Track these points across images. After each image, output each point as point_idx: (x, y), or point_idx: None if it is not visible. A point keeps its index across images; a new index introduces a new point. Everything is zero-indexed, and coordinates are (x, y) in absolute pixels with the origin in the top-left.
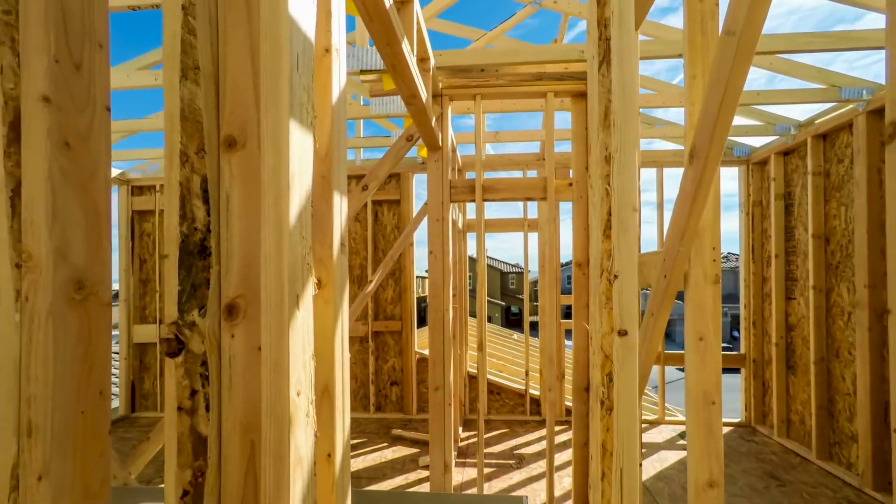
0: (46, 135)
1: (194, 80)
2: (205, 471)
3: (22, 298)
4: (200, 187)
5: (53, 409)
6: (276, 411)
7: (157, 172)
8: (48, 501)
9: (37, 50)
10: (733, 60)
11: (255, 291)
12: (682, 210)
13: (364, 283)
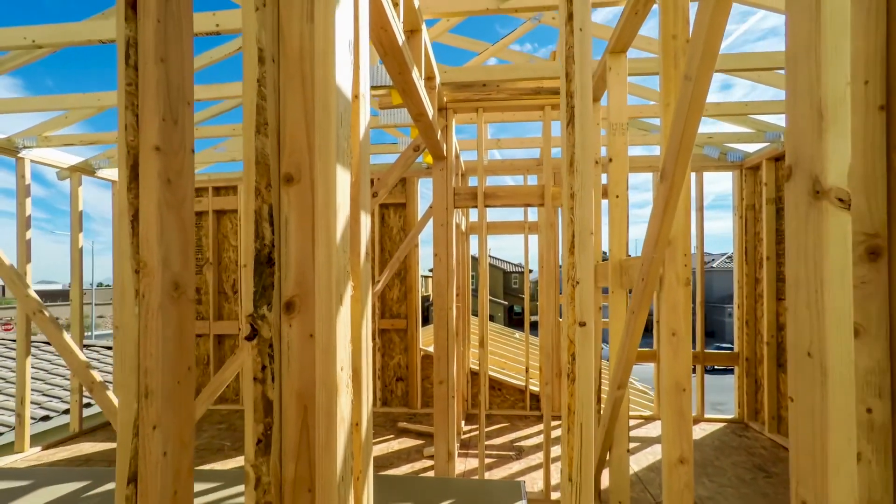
0: (157, 175)
1: (264, 134)
2: (272, 425)
3: (140, 296)
4: (268, 213)
5: (162, 378)
6: (327, 382)
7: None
8: (160, 445)
9: (151, 112)
10: (690, 100)
11: (307, 291)
12: (655, 222)
13: (371, 282)
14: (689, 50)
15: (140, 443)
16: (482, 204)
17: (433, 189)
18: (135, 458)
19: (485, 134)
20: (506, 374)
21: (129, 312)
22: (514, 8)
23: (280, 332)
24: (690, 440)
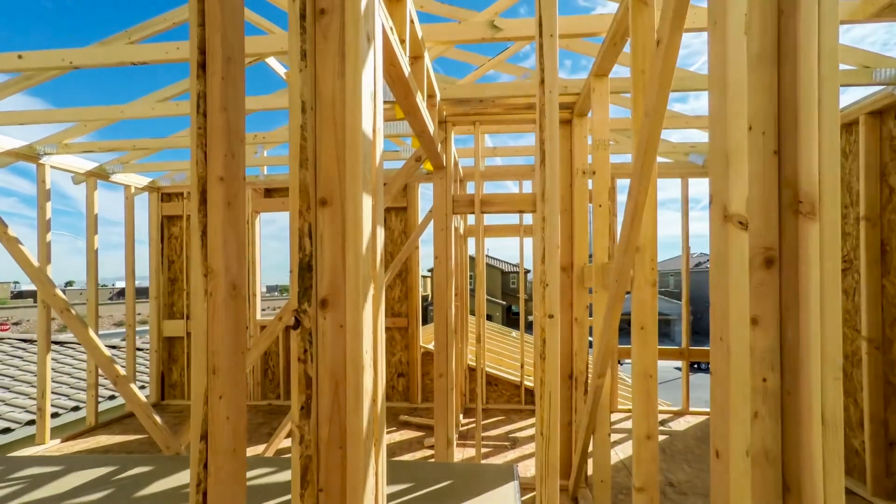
0: (221, 199)
1: (306, 167)
2: (311, 396)
3: (208, 294)
4: (308, 230)
5: (226, 358)
6: (354, 362)
7: (184, 181)
8: (224, 410)
9: (216, 149)
10: (648, 136)
11: (338, 291)
12: (625, 232)
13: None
14: (646, 90)
15: (209, 409)
16: (479, 210)
17: (434, 197)
18: (205, 420)
19: (482, 144)
20: (502, 371)
21: (200, 307)
22: (507, 38)
23: (317, 323)
24: (656, 419)
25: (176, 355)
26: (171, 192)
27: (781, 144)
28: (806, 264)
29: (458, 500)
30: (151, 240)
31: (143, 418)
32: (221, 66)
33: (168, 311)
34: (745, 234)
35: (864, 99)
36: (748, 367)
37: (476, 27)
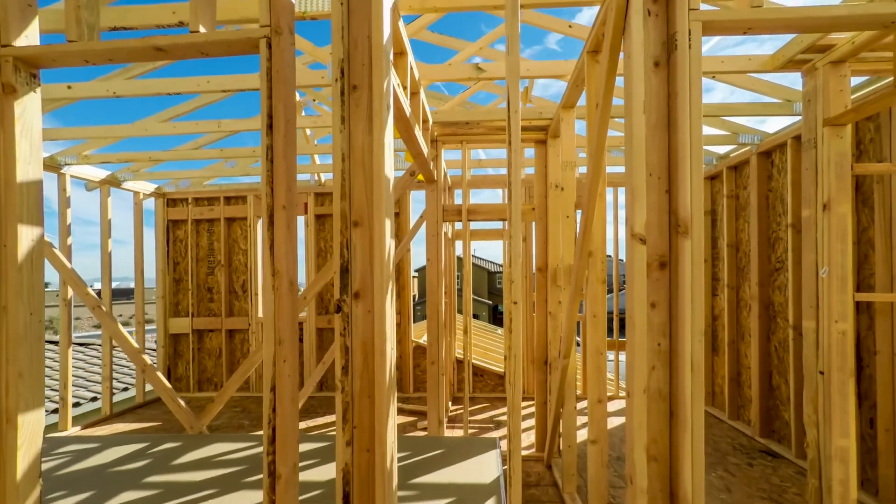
0: (284, 222)
1: (345, 200)
2: (349, 359)
3: (275, 289)
4: (346, 243)
5: (287, 333)
6: (381, 336)
7: (188, 187)
8: (287, 370)
9: (280, 185)
10: (593, 171)
11: (367, 287)
12: (579, 241)
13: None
14: (588, 138)
15: (277, 369)
16: (466, 218)
17: (426, 206)
18: (274, 377)
19: (468, 158)
20: (487, 363)
21: (269, 298)
22: (488, 77)
23: (352, 309)
24: (605, 387)
25: (181, 351)
26: (176, 198)
27: (671, 186)
28: (683, 266)
29: (450, 464)
30: (157, 242)
31: (169, 402)
32: (283, 126)
33: (174, 309)
34: (644, 247)
35: (788, 127)
36: (647, 335)
37: (463, 68)
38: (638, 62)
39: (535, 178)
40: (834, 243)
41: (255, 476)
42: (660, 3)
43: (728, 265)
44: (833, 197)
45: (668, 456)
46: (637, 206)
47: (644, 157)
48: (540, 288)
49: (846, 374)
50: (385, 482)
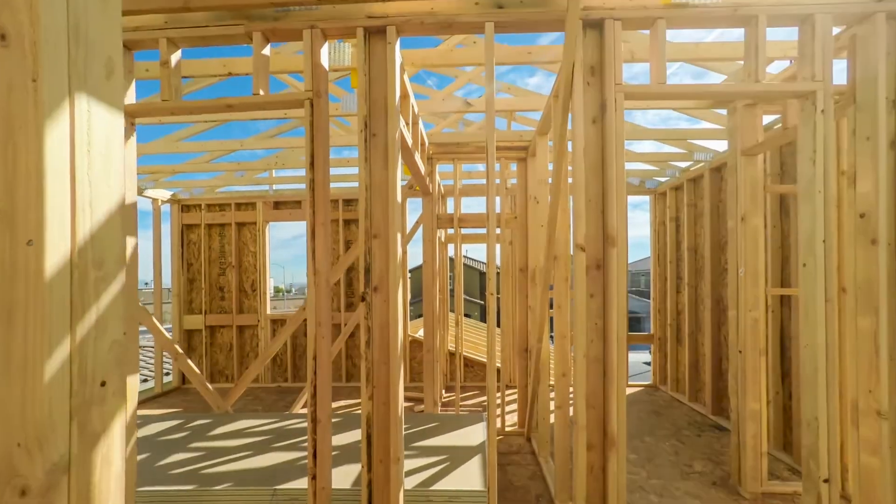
0: (322, 235)
1: (367, 218)
2: (371, 337)
3: (316, 285)
4: (368, 250)
5: (325, 318)
6: (394, 318)
7: (201, 194)
8: (324, 345)
9: (321, 210)
10: (554, 192)
11: (383, 283)
12: (547, 247)
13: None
14: (550, 183)
15: (317, 343)
16: (457, 226)
17: (423, 215)
18: (315, 349)
19: (459, 173)
20: (477, 356)
21: (312, 291)
22: (475, 110)
23: (372, 299)
24: (568, 365)
25: (194, 345)
26: (190, 204)
27: (604, 209)
28: (612, 268)
29: (445, 433)
30: (173, 245)
31: (199, 385)
32: (322, 165)
33: (188, 306)
34: (584, 254)
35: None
36: (584, 321)
37: (455, 102)
38: (579, 119)
39: (517, 191)
40: (749, 248)
41: (281, 442)
42: (595, 77)
43: (689, 266)
44: (748, 211)
45: (602, 404)
46: (579, 224)
47: (584, 189)
48: (521, 286)
49: (757, 352)
50: (397, 427)
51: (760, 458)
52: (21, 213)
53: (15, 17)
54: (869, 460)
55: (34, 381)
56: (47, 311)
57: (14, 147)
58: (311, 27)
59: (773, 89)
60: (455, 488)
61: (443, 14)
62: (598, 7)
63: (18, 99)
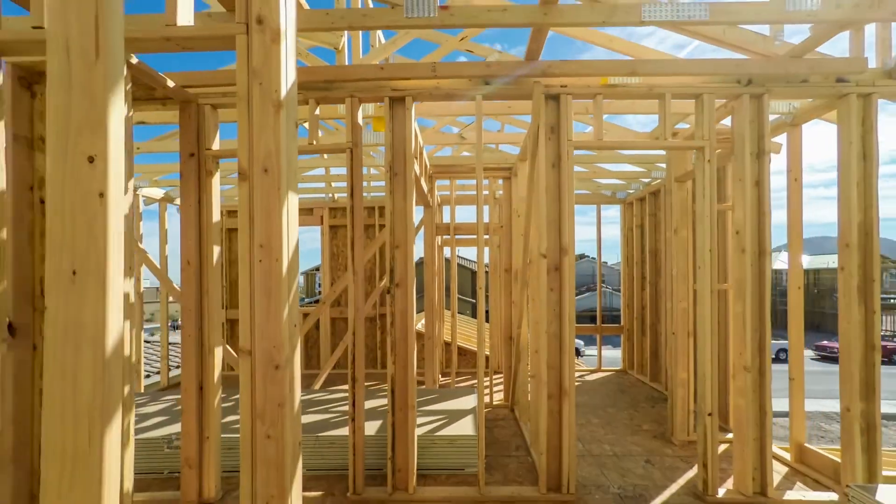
0: (361, 244)
1: (392, 234)
2: (394, 319)
3: (354, 282)
4: (392, 258)
5: (361, 305)
6: (410, 306)
7: (221, 203)
8: (362, 327)
9: (358, 224)
10: (527, 210)
11: (403, 281)
12: (524, 253)
13: (374, 281)
14: (527, 189)
15: (356, 325)
16: (453, 234)
17: (424, 225)
18: (354, 330)
19: (455, 188)
20: (470, 345)
21: (352, 286)
22: (468, 143)
23: (395, 292)
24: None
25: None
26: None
27: (560, 228)
28: (565, 270)
29: (443, 401)
30: None
31: (235, 364)
32: (359, 194)
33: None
34: (546, 260)
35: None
36: (546, 308)
37: (451, 138)
38: (541, 164)
39: (503, 202)
40: (679, 253)
41: (313, 409)
42: (554, 133)
43: (650, 267)
44: (678, 225)
45: (559, 366)
46: (542, 238)
47: (546, 213)
48: (506, 284)
49: (686, 334)
50: (412, 384)
51: (687, 415)
52: (274, 245)
53: (270, 159)
54: (739, 401)
55: (277, 321)
56: (283, 290)
57: (269, 213)
58: (351, 96)
59: (676, 145)
60: (453, 434)
61: (445, 89)
62: (555, 85)
63: (273, 190)
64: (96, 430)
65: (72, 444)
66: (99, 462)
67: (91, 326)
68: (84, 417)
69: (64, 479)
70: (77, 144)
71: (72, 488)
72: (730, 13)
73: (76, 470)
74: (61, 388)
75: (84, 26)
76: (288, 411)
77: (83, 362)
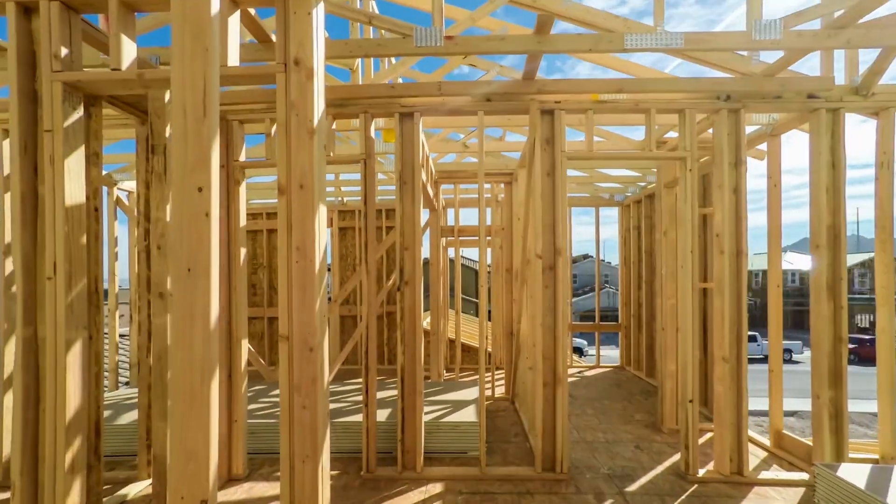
0: (373, 248)
1: (402, 236)
2: (403, 314)
3: (368, 281)
4: (402, 259)
5: (375, 300)
6: (418, 302)
7: (260, 204)
8: (374, 322)
9: (371, 229)
10: (525, 215)
11: (410, 279)
12: (523, 254)
13: (381, 281)
14: (526, 195)
15: (369, 317)
16: (457, 236)
17: (429, 227)
18: (367, 325)
19: (458, 193)
20: (473, 342)
21: (366, 282)
22: (471, 153)
23: (404, 289)
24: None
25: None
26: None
27: (554, 231)
28: (559, 269)
29: (447, 393)
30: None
31: (254, 360)
32: (371, 201)
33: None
34: (541, 260)
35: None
36: (542, 304)
37: (455, 146)
38: (538, 173)
39: (504, 205)
40: (668, 254)
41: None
42: (549, 145)
43: (646, 266)
44: (668, 227)
45: (553, 356)
46: (538, 240)
47: (541, 218)
48: (508, 282)
49: (674, 329)
50: (420, 373)
51: (676, 405)
52: (308, 248)
53: (305, 177)
54: (718, 388)
55: (311, 311)
56: (315, 285)
57: (303, 222)
58: (365, 112)
59: (662, 156)
60: (457, 420)
61: (450, 105)
62: (550, 101)
63: (308, 203)
64: (206, 377)
65: (189, 386)
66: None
67: (200, 307)
68: (197, 368)
69: (186, 408)
70: (191, 179)
71: (191, 413)
72: (702, 41)
73: (193, 402)
74: (181, 349)
75: (196, 96)
76: (319, 386)
77: (195, 332)
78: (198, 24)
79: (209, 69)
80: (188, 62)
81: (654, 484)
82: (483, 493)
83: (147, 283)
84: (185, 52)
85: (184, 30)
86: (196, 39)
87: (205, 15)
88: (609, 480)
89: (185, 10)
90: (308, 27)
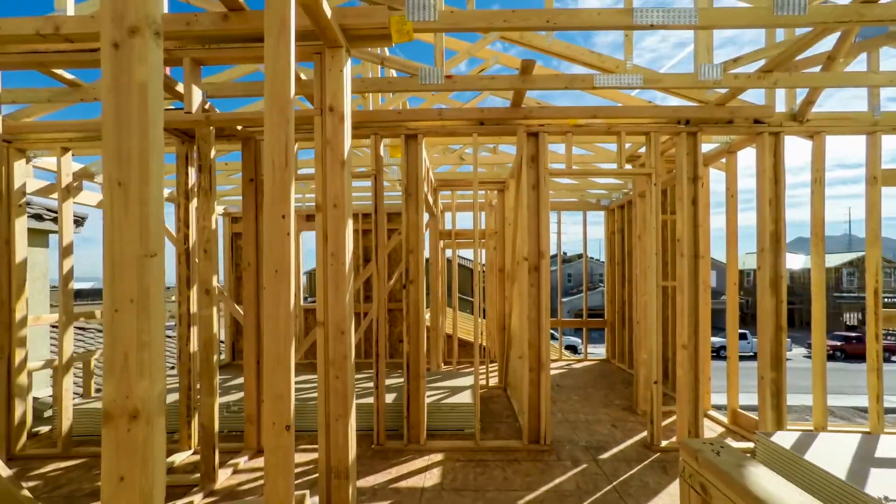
0: (383, 253)
1: (407, 241)
2: (409, 309)
3: (378, 281)
4: (407, 260)
5: (384, 296)
6: (421, 299)
7: None
8: (382, 317)
9: (381, 234)
10: (515, 219)
11: (414, 278)
12: (514, 254)
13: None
14: (516, 201)
15: (379, 314)
16: (454, 239)
17: (429, 232)
18: (376, 318)
19: (455, 199)
20: (469, 337)
21: (376, 283)
22: (467, 163)
23: (408, 287)
24: (527, 331)
25: (241, 330)
26: (239, 217)
27: (538, 236)
28: (543, 271)
29: (446, 381)
30: (225, 250)
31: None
32: (381, 210)
33: (237, 299)
34: (527, 262)
35: None
36: (528, 299)
37: (453, 158)
38: (524, 186)
39: (497, 210)
40: (642, 256)
41: None
42: (534, 163)
43: (628, 266)
44: (641, 232)
45: (538, 345)
46: (524, 244)
47: (527, 225)
48: (501, 282)
49: (645, 322)
50: (422, 360)
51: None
52: (340, 255)
53: (338, 198)
54: (679, 371)
55: (342, 303)
56: (346, 283)
57: (336, 234)
58: (375, 134)
59: (631, 172)
60: (455, 402)
61: (449, 127)
62: (535, 125)
63: (340, 219)
64: (287, 344)
65: (276, 350)
66: (288, 358)
67: (284, 297)
68: (281, 338)
69: (275, 364)
70: (277, 208)
71: (278, 368)
72: (657, 81)
73: (279, 361)
74: (271, 326)
75: (280, 153)
76: (349, 361)
77: (280, 314)
78: (282, 103)
79: (289, 133)
80: (276, 130)
81: (624, 453)
82: (477, 461)
83: (187, 281)
84: (273, 122)
85: (272, 107)
86: (281, 114)
87: (287, 98)
88: (585, 451)
89: (274, 93)
90: (340, 82)
